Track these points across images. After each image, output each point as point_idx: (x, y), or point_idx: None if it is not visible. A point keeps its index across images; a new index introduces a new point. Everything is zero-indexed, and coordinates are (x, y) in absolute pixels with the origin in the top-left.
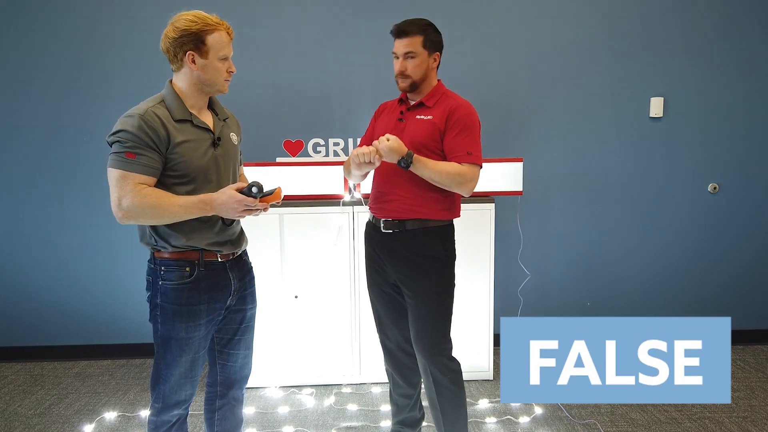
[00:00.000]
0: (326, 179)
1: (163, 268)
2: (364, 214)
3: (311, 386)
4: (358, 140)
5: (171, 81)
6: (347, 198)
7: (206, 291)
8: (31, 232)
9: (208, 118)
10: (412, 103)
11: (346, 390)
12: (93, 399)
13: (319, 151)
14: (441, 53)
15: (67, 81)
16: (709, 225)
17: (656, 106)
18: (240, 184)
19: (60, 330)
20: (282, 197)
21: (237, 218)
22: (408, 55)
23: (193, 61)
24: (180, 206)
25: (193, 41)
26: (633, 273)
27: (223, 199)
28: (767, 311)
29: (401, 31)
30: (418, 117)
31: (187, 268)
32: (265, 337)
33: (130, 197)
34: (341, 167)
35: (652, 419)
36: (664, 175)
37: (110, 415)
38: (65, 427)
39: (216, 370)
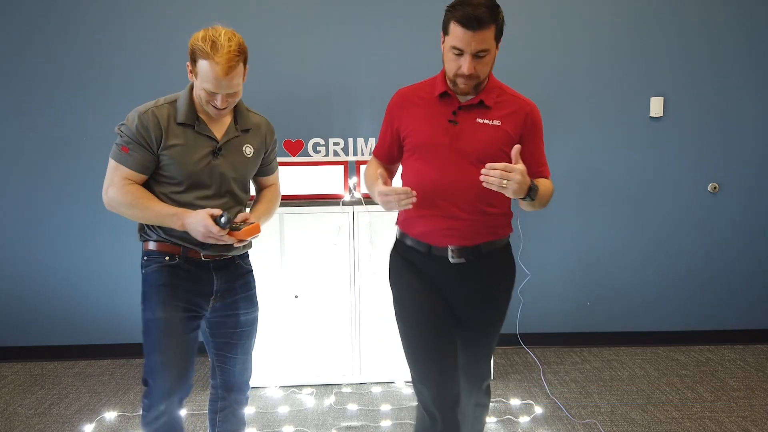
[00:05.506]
0: (326, 179)
1: (146, 257)
2: (364, 214)
3: (311, 386)
4: (359, 140)
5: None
6: (347, 198)
7: (186, 279)
8: (32, 233)
9: (220, 126)
10: (465, 99)
11: (346, 390)
12: (93, 399)
13: (319, 151)
14: None
15: (68, 81)
16: (709, 225)
17: (656, 106)
18: (216, 211)
19: (60, 330)
20: (257, 233)
21: (203, 242)
22: (480, 54)
23: (191, 72)
24: (154, 212)
25: (191, 56)
26: (633, 272)
27: (192, 220)
28: (767, 311)
29: (478, 19)
30: (480, 121)
31: (167, 258)
32: (265, 337)
33: (114, 189)
34: (341, 167)
35: (652, 419)
36: (664, 175)
37: (110, 415)
38: (65, 427)
39: (216, 372)
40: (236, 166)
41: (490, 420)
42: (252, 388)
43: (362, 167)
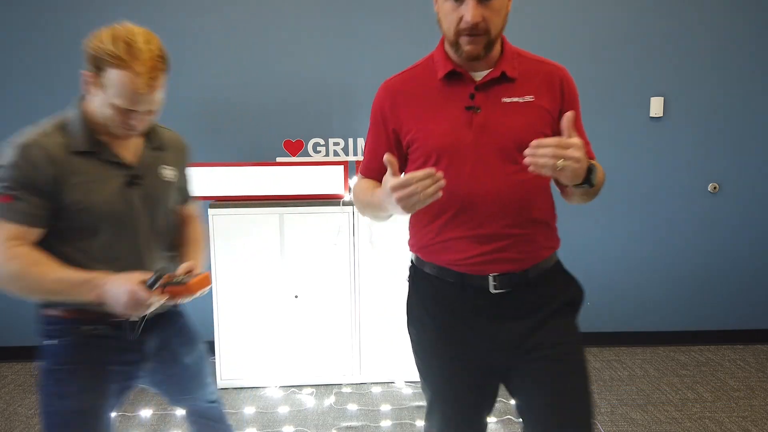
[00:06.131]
0: (326, 179)
1: (52, 325)
2: None
3: (311, 386)
4: (359, 140)
5: (83, 98)
6: (347, 198)
7: (113, 349)
8: None
9: (129, 148)
10: (481, 76)
11: (346, 390)
12: None
13: (319, 151)
14: None
15: (68, 82)
16: (709, 225)
17: (656, 106)
18: (144, 276)
19: None
20: (208, 286)
21: (126, 314)
22: None
23: (92, 84)
24: (58, 281)
25: (94, 63)
26: (632, 272)
27: (113, 287)
28: (767, 311)
29: None
30: (506, 100)
31: (86, 327)
32: (265, 337)
33: None
34: (341, 167)
35: (652, 419)
36: (664, 175)
37: None
38: None
39: (180, 407)
40: (158, 195)
41: (490, 420)
42: (252, 388)
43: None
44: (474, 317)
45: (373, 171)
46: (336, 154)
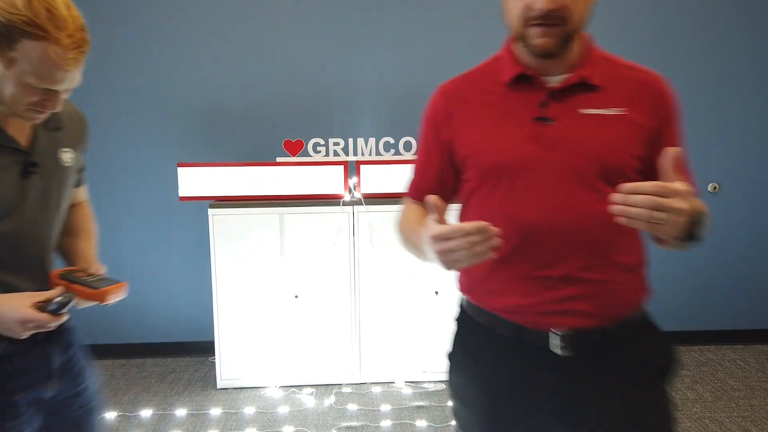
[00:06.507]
0: (326, 179)
1: None
2: (364, 214)
3: (311, 386)
4: (359, 140)
5: None
6: (347, 198)
7: (18, 372)
8: None
9: (22, 129)
10: (557, 81)
11: (346, 390)
12: None
13: (319, 151)
14: None
15: None
16: (709, 225)
17: None
18: (42, 296)
19: None
20: (118, 298)
21: (18, 338)
22: None
23: None
24: None
25: (1, 33)
26: None
27: (2, 312)
28: (767, 311)
29: None
30: (585, 111)
31: None
32: (265, 337)
33: None
34: (341, 167)
35: None
36: None
37: (110, 415)
38: None
39: None
40: (56, 183)
41: None
42: (252, 388)
43: (362, 167)
44: (532, 381)
45: (423, 193)
46: (336, 154)
